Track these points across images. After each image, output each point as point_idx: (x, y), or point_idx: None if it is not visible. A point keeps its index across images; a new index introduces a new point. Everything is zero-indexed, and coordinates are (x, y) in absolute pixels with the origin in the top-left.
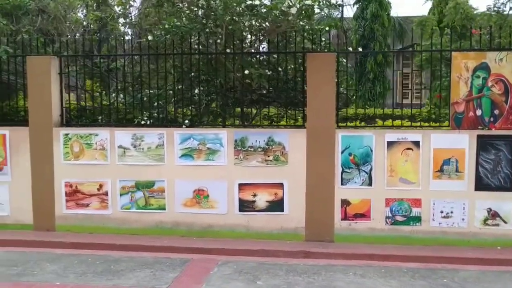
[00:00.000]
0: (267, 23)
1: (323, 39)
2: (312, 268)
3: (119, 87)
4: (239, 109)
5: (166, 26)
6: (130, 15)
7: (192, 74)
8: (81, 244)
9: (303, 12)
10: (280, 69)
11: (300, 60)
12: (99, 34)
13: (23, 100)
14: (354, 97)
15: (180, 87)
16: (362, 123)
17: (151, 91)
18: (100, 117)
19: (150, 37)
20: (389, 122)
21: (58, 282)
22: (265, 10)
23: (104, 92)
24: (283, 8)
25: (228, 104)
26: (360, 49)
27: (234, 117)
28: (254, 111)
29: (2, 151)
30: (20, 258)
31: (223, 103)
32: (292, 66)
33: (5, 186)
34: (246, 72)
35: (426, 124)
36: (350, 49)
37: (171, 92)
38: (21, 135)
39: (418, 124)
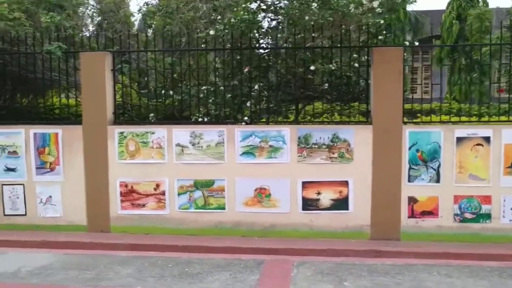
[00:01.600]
0: (329, 18)
1: (384, 32)
2: (392, 268)
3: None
4: (299, 106)
5: (232, 20)
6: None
7: (251, 69)
8: (141, 246)
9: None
10: (335, 64)
11: (354, 55)
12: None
13: (60, 98)
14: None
15: (235, 83)
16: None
17: (208, 87)
18: (151, 115)
19: (212, 32)
20: (454, 118)
21: (140, 286)
22: (344, 2)
23: (153, 89)
24: (363, 1)
25: (289, 100)
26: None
27: (297, 114)
28: (315, 107)
29: (55, 151)
30: (88, 261)
31: (285, 99)
32: (351, 61)
33: (57, 186)
34: (312, 67)
35: (496, 118)
36: (407, 43)
37: (222, 88)
38: (74, 133)
39: (487, 119)
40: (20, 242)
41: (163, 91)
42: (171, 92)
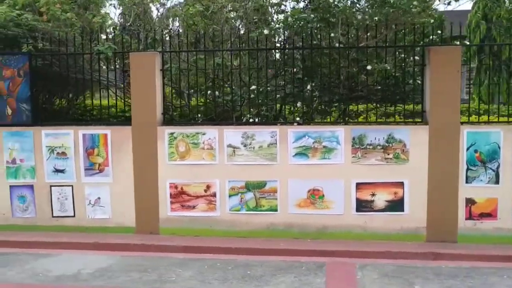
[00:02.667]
0: (380, 18)
1: (439, 32)
2: (458, 270)
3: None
4: (352, 106)
5: (289, 19)
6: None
7: (300, 70)
8: (194, 248)
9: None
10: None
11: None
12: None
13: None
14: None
15: (282, 83)
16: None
17: (257, 87)
18: (198, 115)
19: (266, 31)
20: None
21: None
22: (405, 1)
23: (201, 89)
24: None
25: (343, 100)
26: None
27: (344, 114)
28: (367, 107)
29: (104, 152)
30: (146, 263)
31: (339, 100)
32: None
33: (106, 188)
34: (369, 67)
35: None
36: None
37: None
38: (123, 134)
39: None
40: (72, 244)
41: (208, 92)
42: (216, 93)
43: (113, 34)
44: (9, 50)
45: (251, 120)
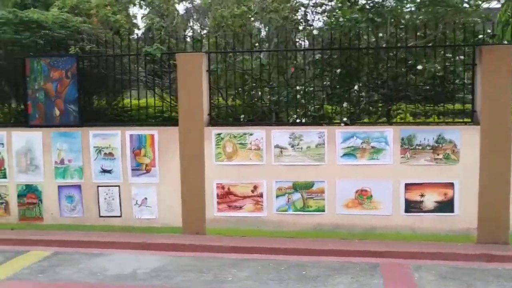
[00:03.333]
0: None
1: (489, 31)
2: None
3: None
4: (399, 106)
5: (341, 19)
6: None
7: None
8: (242, 248)
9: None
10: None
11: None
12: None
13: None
14: None
15: (326, 83)
16: None
17: (303, 87)
18: (242, 116)
19: (315, 31)
20: None
21: None
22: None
23: (247, 90)
24: None
25: (390, 100)
26: None
27: (388, 114)
28: (415, 107)
29: (151, 152)
30: (199, 264)
31: (386, 100)
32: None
33: (153, 188)
34: (419, 67)
35: None
36: None
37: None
38: (170, 135)
39: None
40: (121, 244)
41: (252, 92)
42: (259, 93)
43: (157, 35)
44: (55, 52)
45: (297, 120)
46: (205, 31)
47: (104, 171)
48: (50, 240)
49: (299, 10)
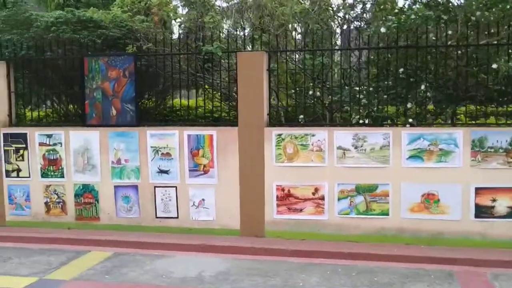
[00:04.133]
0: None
1: None
2: None
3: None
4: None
5: (413, 16)
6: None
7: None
8: (304, 252)
9: None
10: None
11: None
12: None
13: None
14: None
15: (389, 83)
16: None
17: (366, 87)
18: (301, 116)
19: (383, 29)
20: None
21: None
22: None
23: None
24: None
25: (458, 100)
26: None
27: (454, 115)
28: (485, 108)
29: (209, 153)
30: (264, 267)
31: (454, 100)
32: None
33: (211, 189)
34: (494, 66)
35: None
36: None
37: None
38: (229, 135)
39: None
40: (180, 246)
41: (310, 92)
42: (317, 93)
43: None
44: (112, 51)
45: (360, 121)
46: (258, 30)
47: (161, 171)
48: (110, 241)
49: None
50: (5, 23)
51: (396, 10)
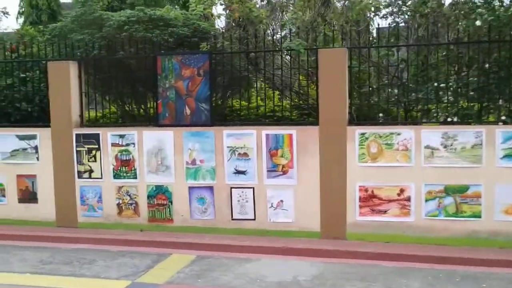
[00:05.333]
0: None
1: None
2: None
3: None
4: None
5: None
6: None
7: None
8: (392, 256)
9: None
10: None
11: None
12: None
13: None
14: None
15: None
16: None
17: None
18: (380, 115)
19: (478, 22)
20: None
21: None
22: None
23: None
24: None
25: None
26: None
27: None
28: None
29: (288, 153)
30: (359, 271)
31: None
32: None
33: (289, 190)
34: None
35: None
36: None
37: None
38: (309, 134)
39: None
40: (261, 248)
41: (389, 90)
42: (396, 91)
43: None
44: (181, 50)
45: (449, 119)
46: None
47: (238, 172)
48: (189, 243)
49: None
50: (75, 23)
51: (479, 3)
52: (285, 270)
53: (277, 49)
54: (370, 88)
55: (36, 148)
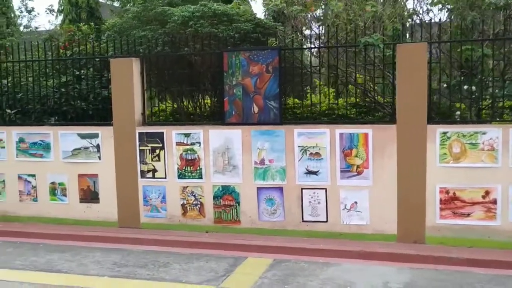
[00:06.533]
0: None
1: None
2: None
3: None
4: None
5: None
6: None
7: None
8: (481, 262)
9: None
10: None
11: None
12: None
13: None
14: None
15: None
16: None
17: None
18: (457, 113)
19: None
20: None
21: None
22: None
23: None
24: None
25: None
26: None
27: None
28: None
29: (363, 152)
30: (449, 278)
31: None
32: None
33: (364, 192)
34: None
35: None
36: None
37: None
38: (386, 134)
39: None
40: (338, 252)
41: (465, 86)
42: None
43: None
44: (246, 46)
45: None
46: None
47: (310, 172)
48: (262, 246)
49: None
50: (136, 19)
51: None
52: (371, 276)
53: (353, 44)
54: (445, 85)
55: (98, 147)
